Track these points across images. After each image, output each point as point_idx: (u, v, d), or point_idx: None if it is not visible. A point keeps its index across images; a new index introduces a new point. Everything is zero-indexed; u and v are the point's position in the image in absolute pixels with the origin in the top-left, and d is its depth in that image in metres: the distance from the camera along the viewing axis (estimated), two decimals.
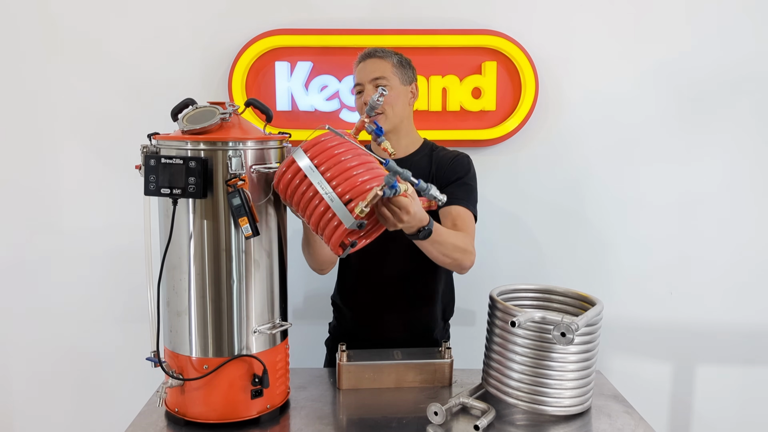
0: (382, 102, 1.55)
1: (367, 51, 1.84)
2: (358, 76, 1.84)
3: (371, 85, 1.80)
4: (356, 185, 1.35)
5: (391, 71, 1.82)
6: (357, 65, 1.85)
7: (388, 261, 1.85)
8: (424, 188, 1.40)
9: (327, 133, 1.43)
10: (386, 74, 1.81)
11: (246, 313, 1.47)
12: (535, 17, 2.31)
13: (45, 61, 2.31)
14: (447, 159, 1.87)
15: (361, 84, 1.82)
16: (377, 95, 1.51)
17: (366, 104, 1.74)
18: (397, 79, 1.82)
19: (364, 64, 1.82)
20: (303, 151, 1.39)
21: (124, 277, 2.40)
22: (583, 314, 1.47)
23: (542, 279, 2.20)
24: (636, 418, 1.58)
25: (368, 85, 1.80)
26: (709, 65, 2.33)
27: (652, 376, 2.51)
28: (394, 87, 1.81)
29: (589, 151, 2.39)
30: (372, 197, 1.31)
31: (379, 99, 1.52)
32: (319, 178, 1.37)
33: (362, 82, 1.81)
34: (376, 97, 1.51)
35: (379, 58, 1.82)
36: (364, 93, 1.81)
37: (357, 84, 1.83)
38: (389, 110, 1.81)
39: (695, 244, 2.44)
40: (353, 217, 1.33)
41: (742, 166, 2.40)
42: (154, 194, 1.39)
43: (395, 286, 1.89)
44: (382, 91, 1.50)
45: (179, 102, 1.48)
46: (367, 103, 1.64)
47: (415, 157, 1.88)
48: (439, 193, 1.42)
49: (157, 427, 1.49)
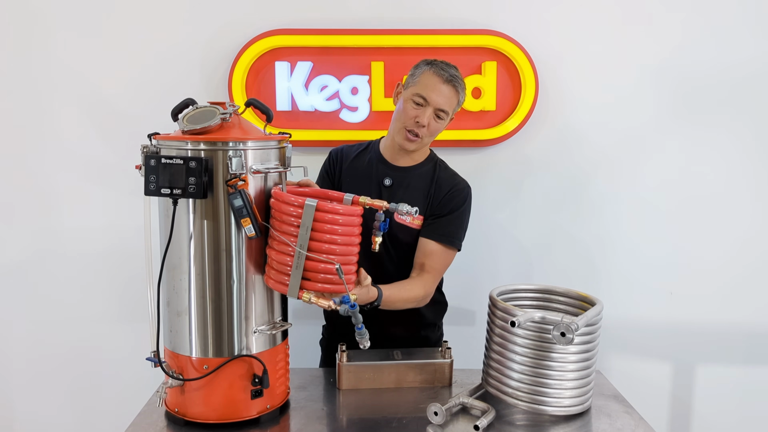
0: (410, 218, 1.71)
1: (452, 75, 1.75)
2: (427, 92, 1.74)
3: (432, 110, 1.74)
4: (321, 276, 1.39)
5: (454, 107, 1.79)
6: (432, 77, 1.75)
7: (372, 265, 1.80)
8: (394, 209, 1.48)
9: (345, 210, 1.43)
10: (450, 109, 1.78)
11: (246, 313, 1.47)
12: (535, 17, 2.31)
13: (45, 60, 2.31)
14: (446, 186, 1.85)
15: (425, 100, 1.74)
16: (410, 210, 1.48)
17: (416, 120, 1.74)
18: (451, 114, 1.80)
19: (442, 86, 1.74)
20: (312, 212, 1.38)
21: (125, 277, 2.40)
22: (583, 314, 1.48)
23: (542, 279, 2.21)
24: (636, 418, 1.58)
25: (432, 109, 1.74)
26: (708, 65, 2.33)
27: (652, 376, 2.51)
28: (446, 121, 1.80)
29: (588, 150, 2.39)
30: (321, 303, 1.39)
31: (408, 213, 1.49)
32: (304, 240, 1.38)
33: (429, 102, 1.74)
34: (407, 209, 1.48)
35: (456, 92, 1.77)
36: (423, 111, 1.74)
37: (422, 97, 1.74)
38: (427, 140, 1.81)
39: (695, 243, 2.44)
40: (296, 295, 1.40)
41: (742, 166, 2.39)
42: (154, 194, 1.39)
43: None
44: (413, 211, 1.48)
45: (179, 102, 1.48)
46: (419, 121, 1.72)
47: (418, 170, 1.87)
48: (409, 207, 1.48)
49: (157, 427, 1.49)
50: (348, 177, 1.91)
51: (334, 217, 1.38)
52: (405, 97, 1.79)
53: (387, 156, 1.89)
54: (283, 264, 1.41)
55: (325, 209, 1.38)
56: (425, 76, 1.76)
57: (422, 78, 1.76)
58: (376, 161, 1.90)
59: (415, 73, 1.79)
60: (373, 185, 1.87)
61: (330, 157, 1.98)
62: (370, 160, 1.91)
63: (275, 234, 1.42)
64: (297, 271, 1.38)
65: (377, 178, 1.87)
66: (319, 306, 1.39)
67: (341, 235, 1.40)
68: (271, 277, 1.45)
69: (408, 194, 1.84)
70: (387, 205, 1.49)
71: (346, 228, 1.41)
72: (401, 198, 1.80)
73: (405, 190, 1.85)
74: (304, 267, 1.38)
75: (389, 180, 1.86)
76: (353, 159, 1.93)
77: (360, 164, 1.91)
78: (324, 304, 1.38)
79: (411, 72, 1.82)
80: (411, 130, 1.77)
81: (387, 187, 1.86)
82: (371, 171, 1.89)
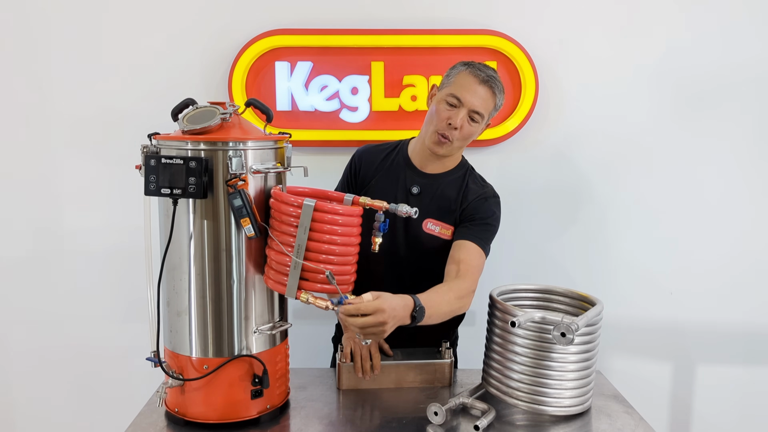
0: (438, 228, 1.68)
1: (489, 76, 1.68)
2: (462, 92, 1.66)
3: (467, 112, 1.67)
4: (319, 276, 1.39)
5: (490, 110, 1.72)
6: (468, 77, 1.68)
7: (391, 276, 1.80)
8: (394, 210, 1.46)
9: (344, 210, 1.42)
10: (486, 112, 1.70)
11: (246, 313, 1.47)
12: (535, 17, 2.31)
13: (45, 60, 2.31)
14: (475, 196, 1.78)
15: (459, 101, 1.67)
16: (410, 210, 1.45)
17: (449, 121, 1.65)
18: (486, 118, 1.74)
19: (477, 87, 1.66)
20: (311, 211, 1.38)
21: (124, 277, 2.40)
22: (583, 314, 1.48)
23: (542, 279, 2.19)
24: (636, 418, 1.58)
25: (466, 110, 1.67)
26: (708, 65, 2.33)
27: (652, 376, 2.51)
28: (481, 125, 1.73)
29: (588, 150, 2.39)
30: (319, 303, 1.38)
31: (407, 213, 1.46)
32: (302, 240, 1.37)
33: (464, 103, 1.66)
34: (406, 209, 1.45)
35: (493, 94, 1.69)
36: (456, 112, 1.66)
37: (456, 98, 1.67)
38: (458, 143, 1.72)
39: (695, 243, 2.44)
40: (295, 296, 1.39)
41: (743, 165, 2.39)
42: (154, 194, 1.39)
43: None
44: (413, 212, 1.45)
45: (179, 102, 1.48)
46: (452, 123, 1.65)
47: (448, 177, 1.81)
48: (408, 207, 1.45)
49: (157, 427, 1.49)
50: (374, 181, 1.83)
51: (333, 217, 1.38)
52: (439, 98, 1.71)
53: (416, 161, 1.81)
54: (282, 264, 1.41)
55: (325, 209, 1.37)
56: (461, 77, 1.69)
57: (458, 78, 1.69)
58: (405, 166, 1.82)
59: (450, 74, 1.73)
60: (400, 192, 1.79)
61: (353, 159, 1.90)
62: (397, 165, 1.83)
63: (274, 234, 1.42)
64: (295, 271, 1.38)
65: (405, 185, 1.80)
66: (317, 306, 1.39)
67: (341, 235, 1.40)
68: (270, 277, 1.45)
69: (434, 204, 1.77)
70: (387, 206, 1.48)
71: (345, 228, 1.41)
72: (427, 206, 1.75)
73: (431, 200, 1.78)
74: (302, 267, 1.38)
75: (417, 188, 1.78)
76: (380, 162, 1.85)
77: (387, 168, 1.83)
78: (321, 305, 1.38)
79: (447, 73, 1.75)
80: (442, 133, 1.69)
81: (415, 195, 1.78)
82: (398, 177, 1.81)
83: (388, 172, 1.83)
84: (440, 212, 1.77)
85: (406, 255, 1.80)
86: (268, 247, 1.46)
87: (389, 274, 1.80)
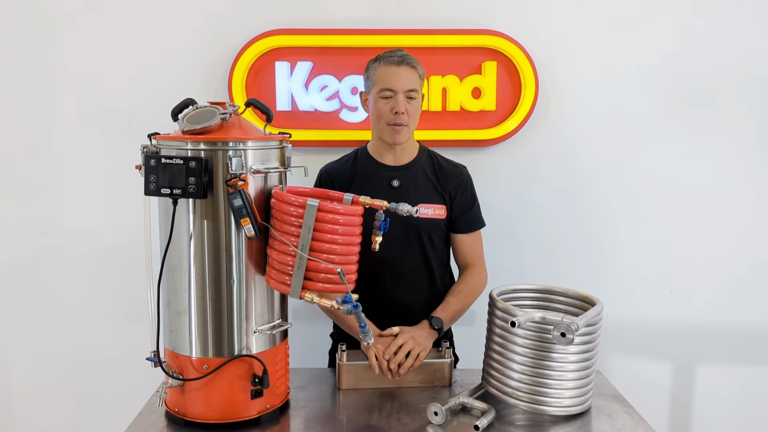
0: (432, 210, 1.76)
1: (401, 57, 1.79)
2: (389, 82, 1.77)
3: (404, 95, 1.77)
4: (323, 276, 1.39)
5: (419, 83, 1.82)
6: (385, 68, 1.79)
7: (391, 278, 1.86)
8: (394, 209, 1.48)
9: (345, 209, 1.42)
10: (417, 86, 1.80)
11: (246, 313, 1.47)
12: (534, 17, 2.31)
13: (46, 60, 2.31)
14: (453, 176, 1.91)
15: (392, 91, 1.77)
16: (411, 210, 1.48)
17: (394, 111, 1.76)
18: (420, 90, 1.83)
19: (398, 71, 1.77)
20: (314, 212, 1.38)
21: (125, 277, 2.40)
22: (583, 314, 1.48)
23: (542, 279, 2.20)
24: (636, 418, 1.58)
25: (401, 94, 1.77)
26: (708, 66, 2.33)
27: (652, 376, 2.51)
28: (419, 99, 1.83)
29: (589, 150, 2.39)
30: (324, 303, 1.39)
31: (408, 212, 1.49)
32: (306, 240, 1.37)
33: (395, 90, 1.77)
34: (407, 209, 1.49)
35: (412, 68, 1.79)
36: (394, 101, 1.77)
37: (387, 89, 1.77)
38: (412, 123, 1.83)
39: (695, 243, 2.44)
40: (299, 296, 1.39)
41: (743, 165, 2.39)
42: (154, 194, 1.39)
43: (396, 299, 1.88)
44: (413, 211, 1.49)
45: (179, 102, 1.48)
46: (397, 111, 1.74)
47: (418, 164, 1.90)
48: (410, 206, 1.49)
49: (157, 427, 1.49)
50: (352, 189, 1.83)
51: (335, 217, 1.38)
52: (373, 98, 1.82)
53: (382, 159, 1.89)
54: (284, 264, 1.40)
55: (326, 209, 1.38)
56: (380, 71, 1.79)
57: (378, 73, 1.80)
58: (375, 167, 1.89)
59: (369, 75, 1.83)
60: (383, 189, 1.85)
61: (321, 179, 1.93)
62: (367, 167, 1.89)
63: (276, 234, 1.42)
64: (299, 271, 1.38)
65: (384, 182, 1.86)
66: (321, 306, 1.40)
67: (342, 235, 1.40)
68: (272, 277, 1.44)
69: (419, 191, 1.86)
70: (387, 205, 1.49)
71: (347, 228, 1.41)
72: (414, 196, 1.83)
73: (415, 187, 1.86)
74: (306, 267, 1.38)
75: (397, 181, 1.86)
76: (349, 171, 1.90)
77: (359, 174, 1.89)
78: (326, 304, 1.38)
79: (365, 76, 1.86)
80: (394, 122, 1.78)
81: (396, 188, 1.86)
82: (374, 177, 1.87)
83: (362, 176, 1.89)
84: (427, 194, 1.86)
85: (406, 250, 1.83)
86: (270, 247, 1.46)
87: (389, 273, 1.85)
